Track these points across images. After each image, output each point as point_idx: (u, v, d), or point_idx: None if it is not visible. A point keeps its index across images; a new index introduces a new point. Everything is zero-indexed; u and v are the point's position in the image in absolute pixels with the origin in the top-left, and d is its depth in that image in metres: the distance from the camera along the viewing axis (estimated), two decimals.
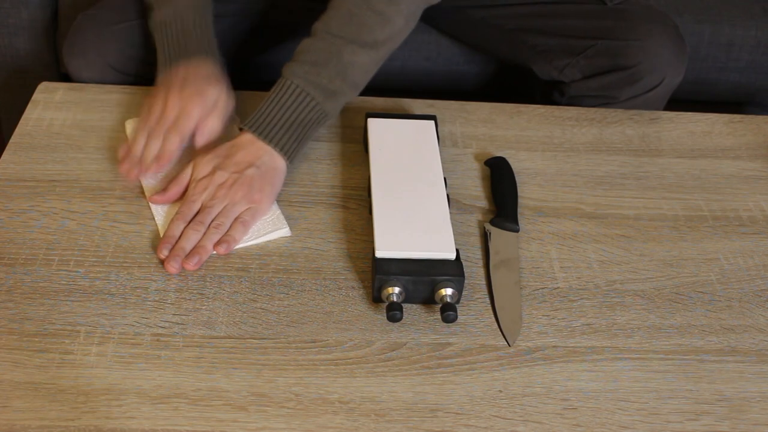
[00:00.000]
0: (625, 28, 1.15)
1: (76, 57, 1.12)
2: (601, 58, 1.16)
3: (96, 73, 1.12)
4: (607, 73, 1.16)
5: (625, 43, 1.14)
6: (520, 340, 0.82)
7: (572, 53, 1.18)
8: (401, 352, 0.80)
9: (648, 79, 1.15)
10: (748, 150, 1.08)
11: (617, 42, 1.15)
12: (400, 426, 0.74)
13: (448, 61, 1.38)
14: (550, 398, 0.77)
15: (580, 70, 1.18)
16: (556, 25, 1.20)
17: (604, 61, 1.16)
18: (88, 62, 1.11)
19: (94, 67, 1.11)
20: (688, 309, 0.87)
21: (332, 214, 0.94)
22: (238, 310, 0.82)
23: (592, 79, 1.17)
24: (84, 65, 1.12)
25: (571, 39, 1.18)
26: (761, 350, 0.83)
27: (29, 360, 0.76)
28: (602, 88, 1.17)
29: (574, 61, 1.18)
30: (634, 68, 1.14)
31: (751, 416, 0.77)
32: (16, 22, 1.38)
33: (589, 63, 1.17)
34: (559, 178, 1.02)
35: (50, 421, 0.71)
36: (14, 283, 0.83)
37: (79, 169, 0.97)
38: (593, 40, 1.16)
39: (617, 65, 1.15)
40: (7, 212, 0.91)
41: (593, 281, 0.89)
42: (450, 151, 1.04)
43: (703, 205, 0.99)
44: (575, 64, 1.18)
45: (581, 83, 1.19)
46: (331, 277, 0.87)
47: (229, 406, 0.74)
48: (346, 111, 1.08)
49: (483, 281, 0.88)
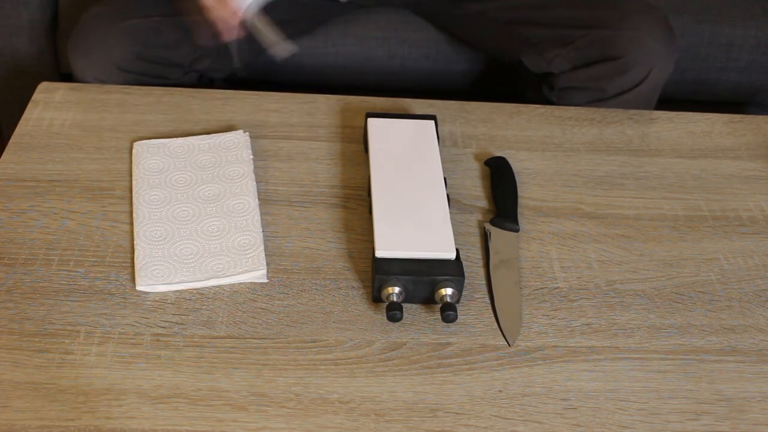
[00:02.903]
0: (615, 18, 1.16)
1: (80, 56, 1.12)
2: (591, 49, 1.16)
3: (100, 71, 1.11)
4: (596, 64, 1.16)
5: (615, 32, 1.15)
6: (520, 340, 0.82)
7: (563, 44, 1.18)
8: (401, 352, 0.80)
9: (636, 69, 1.15)
10: (748, 150, 1.08)
11: (607, 32, 1.15)
12: (400, 426, 0.74)
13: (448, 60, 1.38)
14: (550, 398, 0.77)
15: (570, 60, 1.18)
16: (548, 16, 1.20)
17: (593, 52, 1.16)
18: (92, 61, 1.11)
19: (98, 65, 1.11)
20: (688, 309, 0.87)
21: (332, 214, 0.94)
22: (238, 310, 0.82)
23: (581, 70, 1.18)
24: (88, 64, 1.11)
25: (562, 29, 1.18)
26: (761, 350, 0.83)
27: (29, 360, 0.76)
28: (591, 80, 1.18)
29: (564, 52, 1.18)
30: (622, 59, 1.14)
31: (751, 416, 0.77)
32: (16, 22, 1.38)
33: (579, 54, 1.17)
34: (559, 178, 1.02)
35: (50, 421, 0.71)
36: (14, 283, 0.83)
37: (79, 169, 0.97)
38: (583, 30, 1.17)
39: (606, 56, 1.15)
40: (7, 212, 0.91)
41: (593, 281, 0.89)
42: (450, 151, 1.04)
43: (703, 205, 0.99)
44: (565, 55, 1.18)
45: (570, 74, 1.19)
46: (331, 277, 0.87)
47: (229, 406, 0.74)
48: (346, 111, 1.08)
49: (483, 281, 0.88)
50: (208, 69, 1.21)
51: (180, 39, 1.14)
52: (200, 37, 1.08)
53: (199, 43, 1.11)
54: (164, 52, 1.14)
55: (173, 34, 1.14)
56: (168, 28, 1.14)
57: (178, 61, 1.16)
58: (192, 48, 1.16)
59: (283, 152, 1.01)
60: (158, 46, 1.13)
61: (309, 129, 1.05)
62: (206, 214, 0.91)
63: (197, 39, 1.10)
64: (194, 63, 1.18)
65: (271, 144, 1.02)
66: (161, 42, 1.14)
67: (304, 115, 1.07)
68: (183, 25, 1.14)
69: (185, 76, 1.19)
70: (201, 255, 0.86)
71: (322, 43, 1.36)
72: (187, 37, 1.14)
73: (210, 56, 1.18)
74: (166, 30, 1.14)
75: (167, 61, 1.15)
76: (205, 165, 0.97)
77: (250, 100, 1.09)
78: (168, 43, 1.14)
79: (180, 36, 1.14)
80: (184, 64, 1.17)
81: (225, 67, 1.24)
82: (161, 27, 1.13)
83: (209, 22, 1.03)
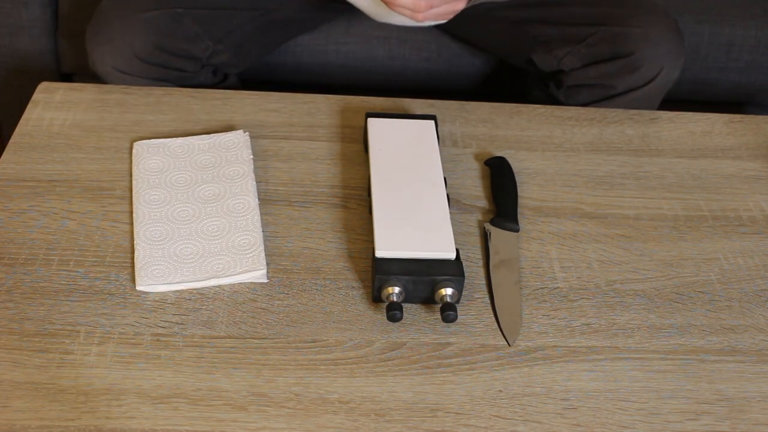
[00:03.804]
0: (626, 15, 1.15)
1: (100, 43, 1.11)
2: (602, 46, 1.16)
3: (119, 60, 1.10)
4: (607, 61, 1.16)
5: (627, 29, 1.14)
6: (520, 340, 0.82)
7: (573, 41, 1.17)
8: (401, 352, 0.80)
9: (647, 67, 1.15)
10: (748, 150, 1.08)
11: (618, 29, 1.15)
12: (400, 426, 0.74)
13: (448, 62, 1.38)
14: (550, 398, 0.77)
15: (580, 58, 1.17)
16: (558, 14, 1.20)
17: (604, 49, 1.16)
18: (113, 49, 1.10)
19: (118, 54, 1.10)
20: (688, 309, 0.87)
21: (332, 214, 0.94)
22: (238, 310, 0.82)
23: (591, 68, 1.17)
24: (108, 52, 1.10)
25: (572, 27, 1.18)
26: (761, 350, 0.83)
27: (29, 360, 0.76)
28: (600, 77, 1.17)
29: (574, 50, 1.17)
30: (633, 56, 1.14)
31: (751, 416, 0.77)
32: (16, 22, 1.38)
33: (590, 51, 1.17)
34: (559, 178, 1.02)
35: (50, 421, 0.71)
36: (14, 283, 0.83)
37: (79, 169, 0.97)
38: (594, 27, 1.16)
39: (617, 53, 1.15)
40: (7, 212, 0.91)
41: (593, 281, 0.89)
42: (450, 151, 1.04)
43: (703, 205, 0.99)
44: (576, 53, 1.18)
45: (580, 72, 1.19)
46: (331, 277, 0.87)
47: (229, 406, 0.74)
48: (346, 111, 1.08)
49: (483, 281, 0.88)
50: (224, 64, 1.21)
51: (200, 32, 1.14)
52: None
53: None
54: (184, 44, 1.14)
55: (193, 26, 1.14)
56: (189, 21, 1.14)
57: (196, 54, 1.16)
58: (211, 42, 1.15)
59: (283, 152, 1.02)
60: (178, 37, 1.13)
61: (309, 129, 1.05)
62: (206, 214, 0.91)
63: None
64: (212, 57, 1.18)
65: (271, 144, 1.02)
66: (181, 34, 1.13)
67: (304, 115, 1.07)
68: (203, 18, 1.13)
69: (202, 69, 1.19)
70: (201, 255, 0.86)
71: (323, 41, 1.36)
72: (206, 31, 1.14)
73: (228, 51, 1.18)
74: (187, 22, 1.14)
75: (186, 53, 1.15)
76: (205, 165, 0.97)
77: (250, 100, 1.09)
78: (188, 35, 1.14)
79: (200, 29, 1.14)
80: (202, 58, 1.17)
81: (241, 63, 1.24)
82: (182, 19, 1.13)
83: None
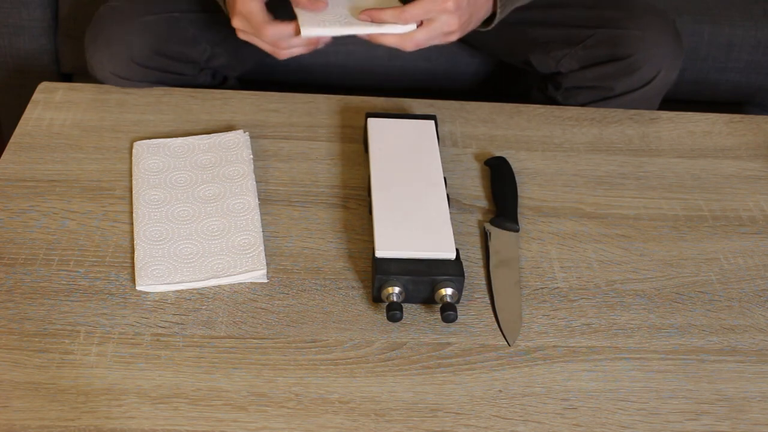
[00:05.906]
0: (624, 17, 1.15)
1: (98, 49, 1.11)
2: (600, 48, 1.16)
3: (118, 65, 1.10)
4: (605, 63, 1.16)
5: (625, 32, 1.14)
6: (520, 340, 0.82)
7: (571, 43, 1.18)
8: (401, 352, 0.80)
9: (645, 69, 1.15)
10: (748, 150, 1.08)
11: (616, 31, 1.15)
12: (400, 426, 0.74)
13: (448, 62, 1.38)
14: (550, 398, 0.77)
15: (578, 60, 1.18)
16: (556, 16, 1.20)
17: (602, 51, 1.16)
18: (111, 54, 1.10)
19: (116, 59, 1.10)
20: (688, 309, 0.87)
21: (332, 214, 0.94)
22: (238, 310, 0.82)
23: (589, 70, 1.17)
24: (107, 57, 1.10)
25: (570, 29, 1.18)
26: (761, 350, 0.83)
27: (29, 360, 0.76)
28: (598, 79, 1.17)
29: (572, 52, 1.17)
30: (631, 58, 1.14)
31: (751, 416, 0.77)
32: (16, 22, 1.38)
33: (588, 53, 1.17)
34: (559, 178, 1.02)
35: (50, 421, 0.71)
36: (14, 283, 0.83)
37: (79, 169, 0.97)
38: (592, 29, 1.16)
39: (615, 55, 1.15)
40: (7, 212, 0.91)
41: (593, 281, 0.89)
42: (450, 151, 1.04)
43: (703, 205, 0.99)
44: (573, 55, 1.18)
45: (578, 74, 1.19)
46: (331, 277, 0.87)
47: (229, 406, 0.74)
48: (346, 111, 1.08)
49: (483, 281, 0.88)
50: (223, 66, 1.21)
51: (198, 35, 1.14)
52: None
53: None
54: (182, 48, 1.14)
55: (191, 30, 1.14)
56: (186, 24, 1.14)
57: (194, 58, 1.16)
58: (209, 45, 1.15)
59: (283, 152, 1.02)
60: (176, 41, 1.13)
61: (309, 129, 1.05)
62: (206, 214, 0.91)
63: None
64: (210, 60, 1.18)
65: (271, 144, 1.02)
66: (179, 38, 1.13)
67: (304, 115, 1.07)
68: (201, 22, 1.13)
69: (200, 72, 1.19)
70: (201, 255, 0.86)
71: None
72: (204, 34, 1.14)
73: (226, 54, 1.18)
74: (185, 26, 1.14)
75: (184, 57, 1.15)
76: (205, 165, 0.97)
77: (250, 100, 1.09)
78: (186, 39, 1.14)
79: (197, 32, 1.14)
80: (200, 61, 1.17)
81: (240, 66, 1.24)
82: (180, 23, 1.13)
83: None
